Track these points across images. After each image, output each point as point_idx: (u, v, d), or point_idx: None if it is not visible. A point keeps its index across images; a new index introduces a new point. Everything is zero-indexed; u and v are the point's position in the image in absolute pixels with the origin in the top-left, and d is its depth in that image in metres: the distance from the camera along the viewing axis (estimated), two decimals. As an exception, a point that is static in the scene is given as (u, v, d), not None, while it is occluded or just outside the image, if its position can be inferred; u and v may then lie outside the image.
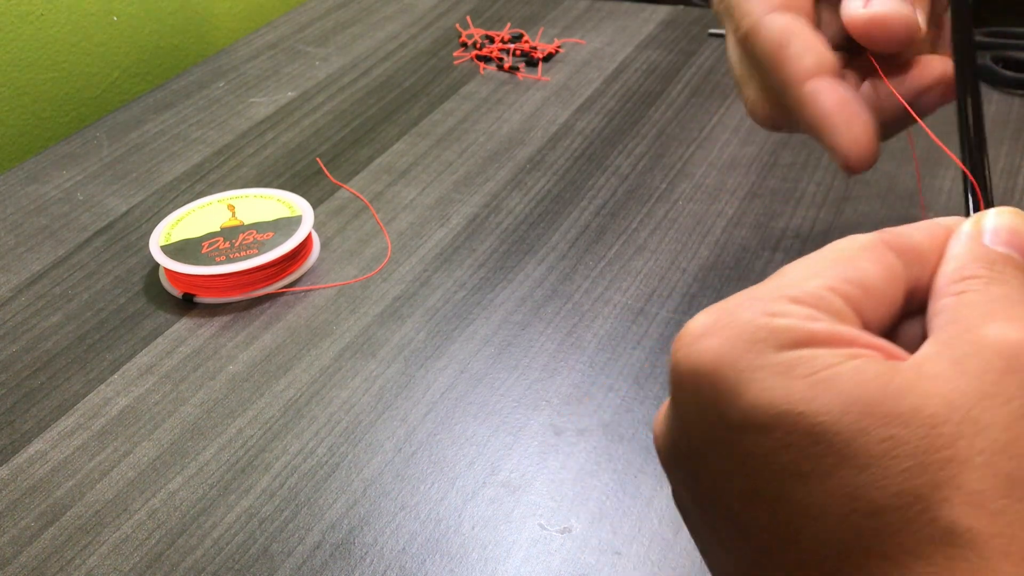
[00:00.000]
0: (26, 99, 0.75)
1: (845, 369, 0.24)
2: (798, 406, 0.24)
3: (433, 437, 0.45)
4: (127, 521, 0.42)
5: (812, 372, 0.24)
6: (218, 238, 0.55)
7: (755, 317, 0.26)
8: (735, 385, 0.25)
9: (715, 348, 0.26)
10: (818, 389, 0.24)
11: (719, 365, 0.26)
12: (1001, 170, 0.60)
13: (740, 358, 0.25)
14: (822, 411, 0.24)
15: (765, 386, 0.25)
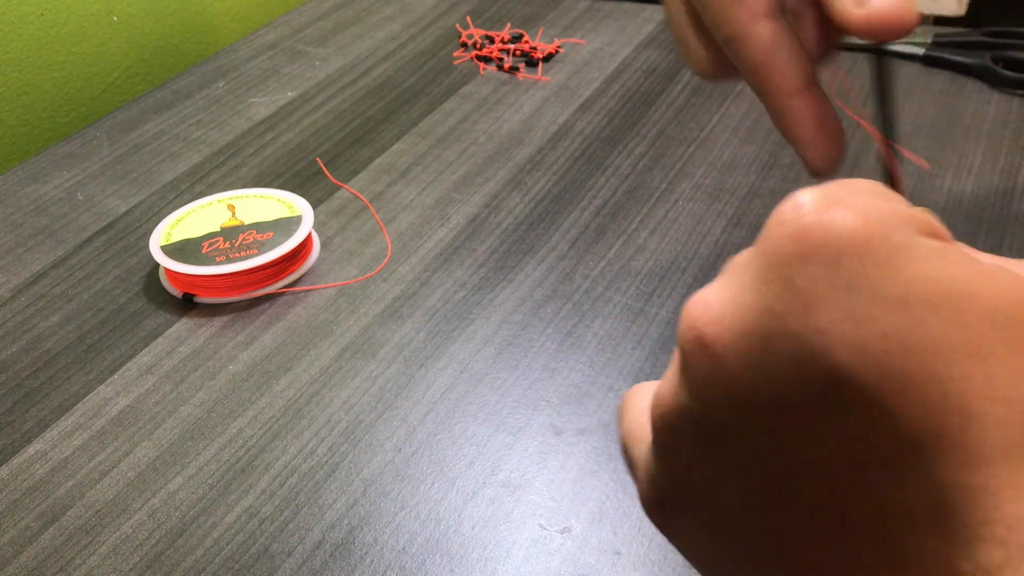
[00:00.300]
0: (26, 99, 0.75)
1: (992, 267, 0.24)
2: (970, 286, 0.23)
3: (433, 437, 0.45)
4: (127, 521, 0.42)
5: (962, 261, 0.23)
6: (218, 238, 0.55)
7: (877, 201, 0.24)
8: (892, 258, 0.23)
9: (856, 221, 0.23)
10: (980, 276, 0.23)
11: (868, 236, 0.23)
12: (1001, 170, 0.60)
13: (889, 234, 0.23)
14: (998, 294, 0.23)
15: (927, 263, 0.23)
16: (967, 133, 0.64)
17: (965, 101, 0.68)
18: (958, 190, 0.59)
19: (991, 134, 0.64)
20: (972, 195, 0.58)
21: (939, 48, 0.73)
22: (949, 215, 0.57)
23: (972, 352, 0.22)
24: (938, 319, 0.22)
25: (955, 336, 0.22)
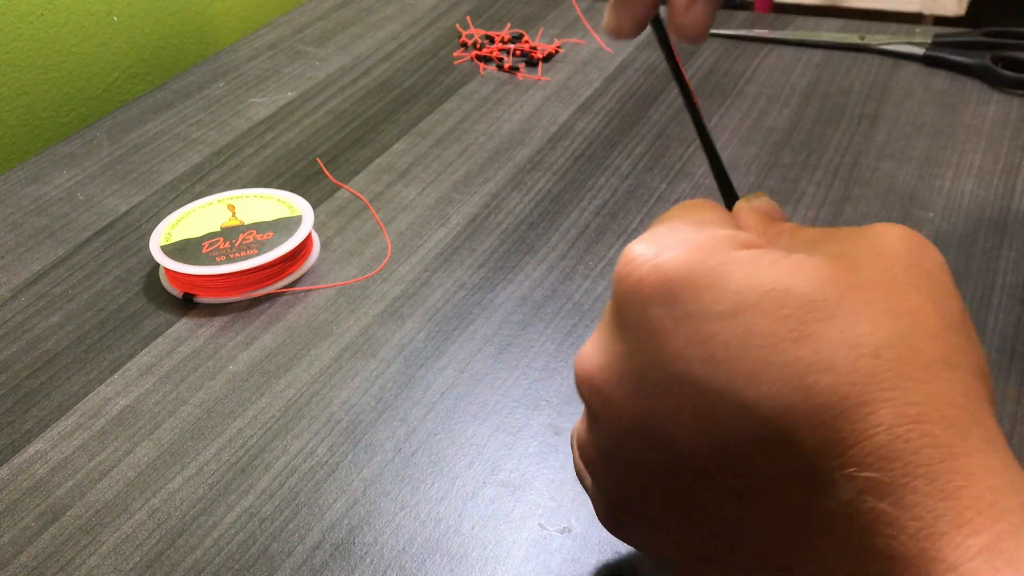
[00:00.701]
0: (26, 99, 0.75)
1: (799, 258, 0.28)
2: (781, 282, 0.28)
3: (433, 437, 0.45)
4: (127, 521, 0.42)
5: (774, 261, 0.28)
6: (218, 238, 0.55)
7: (692, 234, 0.30)
8: (713, 279, 0.28)
9: (680, 259, 0.29)
10: (789, 270, 0.28)
11: (692, 269, 0.28)
12: (1000, 170, 0.60)
13: (708, 259, 0.28)
14: (804, 283, 0.27)
15: (744, 273, 0.28)
16: (967, 133, 0.64)
17: (965, 101, 0.68)
18: (958, 190, 0.59)
19: (991, 134, 0.64)
20: (972, 195, 0.58)
21: (939, 48, 0.73)
22: (949, 215, 0.57)
23: (797, 336, 0.27)
24: (763, 317, 0.27)
25: (780, 327, 0.27)
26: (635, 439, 0.30)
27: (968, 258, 0.53)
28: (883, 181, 0.60)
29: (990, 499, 0.25)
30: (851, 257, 0.29)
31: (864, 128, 0.65)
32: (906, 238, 0.30)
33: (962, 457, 0.26)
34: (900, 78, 0.71)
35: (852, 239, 0.30)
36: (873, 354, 0.27)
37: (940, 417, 0.26)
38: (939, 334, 0.28)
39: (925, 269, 0.29)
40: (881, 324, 0.27)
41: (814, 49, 0.76)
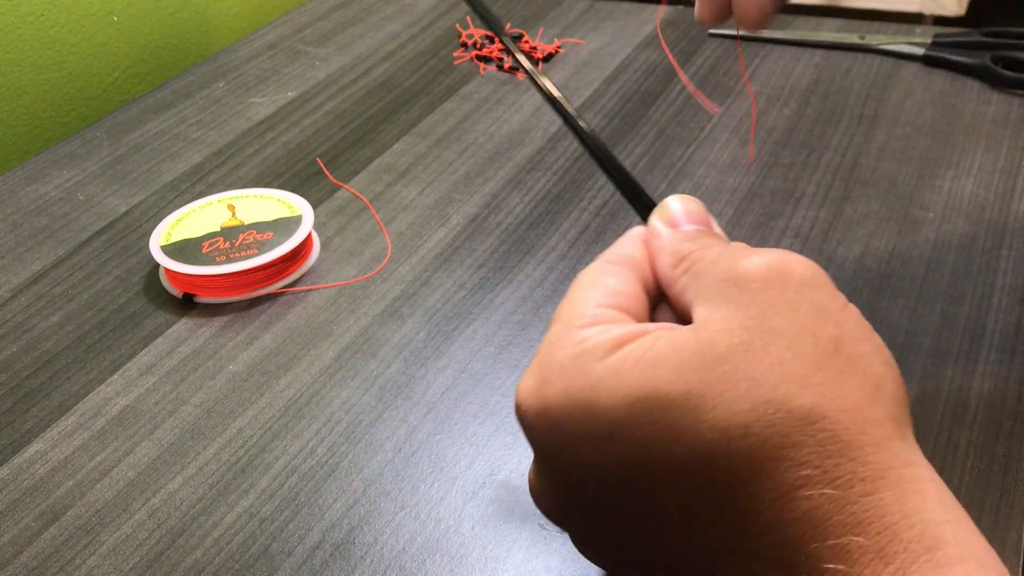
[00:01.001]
0: (26, 99, 0.75)
1: (659, 347, 0.29)
2: (642, 390, 0.29)
3: (433, 437, 0.45)
4: (127, 521, 0.42)
5: (636, 362, 0.29)
6: (218, 238, 0.55)
7: (568, 350, 0.31)
8: (587, 404, 0.30)
9: (555, 389, 0.30)
10: (647, 371, 0.29)
11: (567, 397, 0.30)
12: (1000, 170, 0.60)
13: (577, 382, 0.30)
14: (662, 384, 0.28)
15: (609, 390, 0.29)
16: (967, 133, 0.64)
17: (965, 101, 0.68)
18: (958, 190, 0.59)
19: (991, 134, 0.64)
20: (972, 195, 0.58)
21: (939, 48, 0.73)
22: (949, 215, 0.57)
23: (671, 437, 0.28)
24: (636, 430, 0.29)
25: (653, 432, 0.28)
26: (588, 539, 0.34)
27: (968, 258, 0.53)
28: (883, 181, 0.60)
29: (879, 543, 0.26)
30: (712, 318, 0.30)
31: (864, 128, 0.65)
32: (764, 272, 0.30)
33: (847, 508, 0.27)
34: (900, 78, 0.71)
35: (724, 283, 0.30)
36: (742, 434, 0.27)
37: (820, 475, 0.27)
38: (803, 382, 0.28)
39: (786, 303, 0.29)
40: (741, 399, 0.28)
41: (814, 49, 0.76)
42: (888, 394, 0.29)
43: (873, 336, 0.30)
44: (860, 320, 0.30)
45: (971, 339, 0.48)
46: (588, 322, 0.32)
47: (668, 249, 0.33)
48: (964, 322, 0.49)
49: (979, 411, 0.44)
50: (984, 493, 0.41)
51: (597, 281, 0.33)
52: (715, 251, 0.32)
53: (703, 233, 0.34)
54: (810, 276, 0.30)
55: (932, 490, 0.27)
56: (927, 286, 0.51)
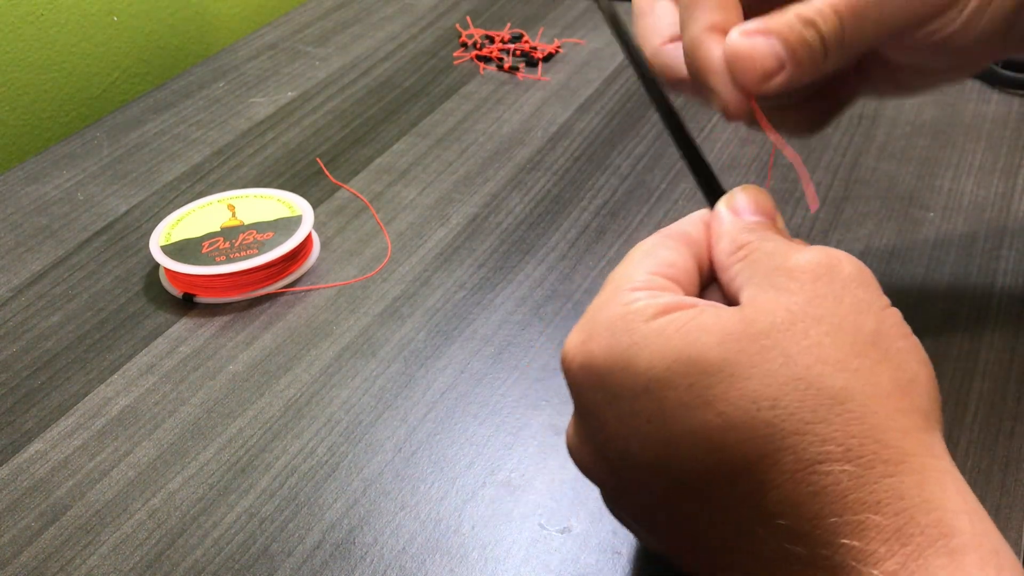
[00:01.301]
0: (26, 99, 0.75)
1: (704, 317, 0.30)
2: (683, 352, 0.30)
3: (433, 437, 0.45)
4: (127, 521, 0.42)
5: (680, 326, 0.30)
6: (218, 238, 0.55)
7: (616, 309, 0.32)
8: (628, 360, 0.31)
9: (600, 343, 0.32)
10: (691, 336, 0.30)
11: (610, 352, 0.31)
12: (1000, 170, 0.60)
13: (622, 339, 0.31)
14: (703, 349, 0.30)
15: (651, 349, 0.30)
16: (967, 133, 0.64)
17: (965, 101, 0.68)
18: (958, 190, 0.59)
19: (991, 134, 0.64)
20: (972, 195, 0.58)
21: (939, 48, 0.73)
22: (949, 215, 0.57)
23: (702, 402, 0.29)
24: (671, 390, 0.30)
25: (687, 396, 0.29)
26: (615, 496, 0.35)
27: (968, 258, 0.53)
28: (883, 181, 0.60)
29: (897, 524, 0.27)
30: (758, 300, 0.31)
31: (864, 128, 0.65)
32: (814, 265, 0.31)
33: (867, 486, 0.27)
34: (900, 78, 0.71)
35: (774, 272, 0.32)
36: (771, 405, 0.28)
37: (842, 453, 0.28)
38: (838, 366, 0.29)
39: (831, 295, 0.30)
40: (776, 373, 0.29)
41: (814, 49, 0.76)
42: (920, 389, 0.30)
43: (912, 337, 0.31)
44: (900, 321, 0.31)
45: (971, 339, 0.48)
46: (639, 286, 0.33)
47: (728, 235, 0.34)
48: (964, 322, 0.49)
49: (979, 411, 0.44)
50: (984, 493, 0.41)
51: (652, 251, 0.34)
52: (772, 244, 0.33)
53: (764, 226, 0.34)
54: (857, 274, 0.31)
55: (952, 481, 0.28)
56: (927, 286, 0.51)
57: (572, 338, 0.33)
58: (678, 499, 0.31)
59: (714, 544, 0.31)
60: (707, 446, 0.29)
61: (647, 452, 0.30)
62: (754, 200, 0.35)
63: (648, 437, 0.30)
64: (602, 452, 0.33)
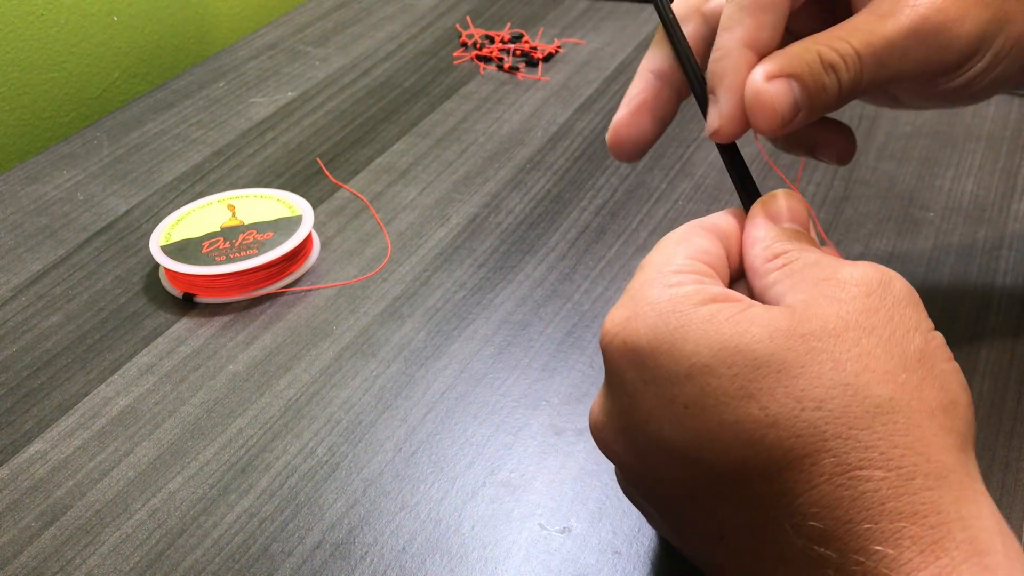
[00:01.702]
0: (26, 99, 0.75)
1: (755, 311, 0.30)
2: (731, 342, 0.30)
3: (433, 437, 0.45)
4: (127, 521, 0.42)
5: (730, 316, 0.30)
6: (218, 238, 0.55)
7: (663, 291, 0.32)
8: (673, 343, 0.30)
9: (646, 323, 0.31)
10: (741, 327, 0.30)
11: (655, 333, 0.31)
12: (1000, 170, 0.60)
13: (669, 320, 0.31)
14: (752, 341, 0.29)
15: (699, 334, 0.30)
16: (967, 133, 0.64)
17: (965, 101, 0.68)
18: (958, 190, 0.59)
19: (991, 134, 0.64)
20: (972, 195, 0.58)
21: (939, 48, 0.73)
22: (949, 215, 0.57)
23: (746, 394, 0.29)
24: (714, 378, 0.29)
25: (730, 386, 0.29)
26: (635, 479, 0.34)
27: (968, 258, 0.53)
28: (883, 181, 0.60)
29: (933, 536, 0.27)
30: (809, 305, 0.31)
31: (864, 128, 0.65)
32: (867, 280, 0.31)
33: (905, 496, 0.27)
34: (900, 78, 0.71)
35: (823, 282, 0.31)
36: (816, 407, 0.28)
37: (884, 461, 0.28)
38: (886, 377, 0.29)
39: (883, 309, 0.31)
40: (824, 375, 0.29)
41: (814, 49, 0.76)
42: (960, 412, 0.30)
43: (954, 362, 0.31)
44: (945, 344, 0.31)
45: (971, 339, 0.48)
46: (680, 269, 0.33)
47: (764, 242, 0.34)
48: (964, 322, 0.49)
49: (979, 411, 0.44)
50: (984, 493, 0.41)
51: (687, 238, 0.34)
52: (814, 256, 0.33)
53: (801, 235, 0.34)
54: (908, 294, 0.32)
55: (987, 503, 0.28)
56: (927, 286, 0.51)
57: (614, 315, 0.32)
58: (705, 490, 0.31)
59: (734, 542, 0.31)
60: (746, 439, 0.29)
61: (681, 438, 0.30)
62: (790, 207, 0.35)
63: (684, 423, 0.30)
64: (631, 433, 0.32)
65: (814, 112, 0.37)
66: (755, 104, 0.36)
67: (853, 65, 0.36)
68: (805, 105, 0.36)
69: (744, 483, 0.29)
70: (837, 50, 0.36)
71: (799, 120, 0.37)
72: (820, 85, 0.36)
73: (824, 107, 0.37)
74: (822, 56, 0.36)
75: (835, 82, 0.36)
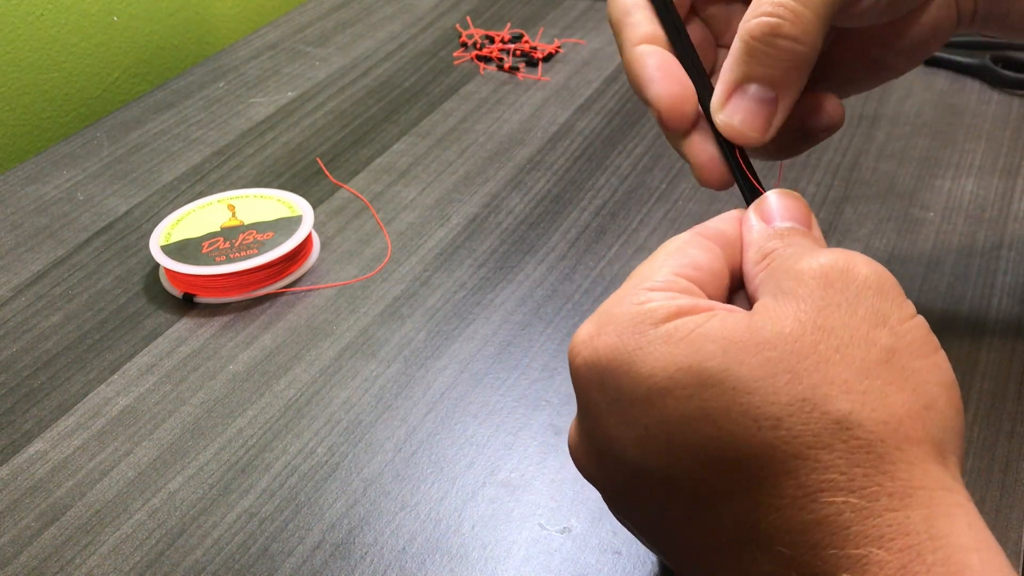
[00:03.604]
0: (26, 99, 0.75)
1: (712, 324, 0.29)
2: (685, 361, 0.29)
3: (433, 437, 0.45)
4: (127, 521, 0.42)
5: (687, 334, 0.29)
6: (218, 238, 0.55)
7: (628, 308, 0.31)
8: (631, 364, 0.30)
9: (606, 342, 0.30)
10: (696, 344, 0.29)
11: (615, 354, 0.30)
12: (1000, 170, 0.60)
13: (628, 341, 0.30)
14: (705, 359, 0.28)
15: (655, 356, 0.29)
16: (967, 133, 0.64)
17: (965, 101, 0.68)
18: (958, 190, 0.59)
19: (991, 134, 0.64)
20: (972, 195, 0.58)
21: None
22: (949, 215, 0.57)
23: (703, 415, 0.28)
24: (672, 400, 0.29)
25: (687, 407, 0.28)
26: (611, 499, 0.34)
27: (968, 258, 0.53)
28: (883, 181, 0.60)
29: (900, 560, 0.26)
30: (768, 307, 0.29)
31: (864, 128, 0.65)
32: (825, 270, 0.29)
33: (869, 520, 0.26)
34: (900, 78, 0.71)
35: (784, 276, 0.30)
36: (772, 425, 0.27)
37: (845, 483, 0.26)
38: (845, 387, 0.27)
39: (844, 304, 0.29)
40: (780, 390, 0.27)
41: (814, 49, 0.76)
42: (936, 416, 0.28)
43: (935, 354, 0.29)
44: (924, 335, 0.29)
45: (971, 339, 0.48)
46: (657, 286, 0.32)
47: (755, 244, 0.33)
48: (964, 322, 0.49)
49: (979, 411, 0.44)
50: (984, 493, 0.41)
51: (681, 250, 0.33)
52: (795, 249, 0.32)
53: (794, 232, 0.33)
54: (874, 280, 0.29)
55: (963, 515, 0.27)
56: (927, 286, 0.51)
57: (582, 331, 0.32)
58: (675, 510, 0.30)
59: (709, 563, 0.30)
60: (706, 460, 0.28)
61: (646, 460, 0.30)
62: (784, 205, 0.34)
63: (647, 444, 0.29)
64: (600, 453, 0.32)
65: (793, 88, 0.36)
66: (731, 136, 0.37)
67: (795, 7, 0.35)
68: (781, 91, 0.36)
69: (711, 505, 0.29)
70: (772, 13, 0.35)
71: (784, 103, 0.36)
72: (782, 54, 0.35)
73: (799, 67, 0.36)
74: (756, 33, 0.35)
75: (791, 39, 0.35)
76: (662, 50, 0.39)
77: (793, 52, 0.35)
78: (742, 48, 0.36)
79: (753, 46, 0.35)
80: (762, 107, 0.36)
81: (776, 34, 0.35)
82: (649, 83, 0.38)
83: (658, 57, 0.38)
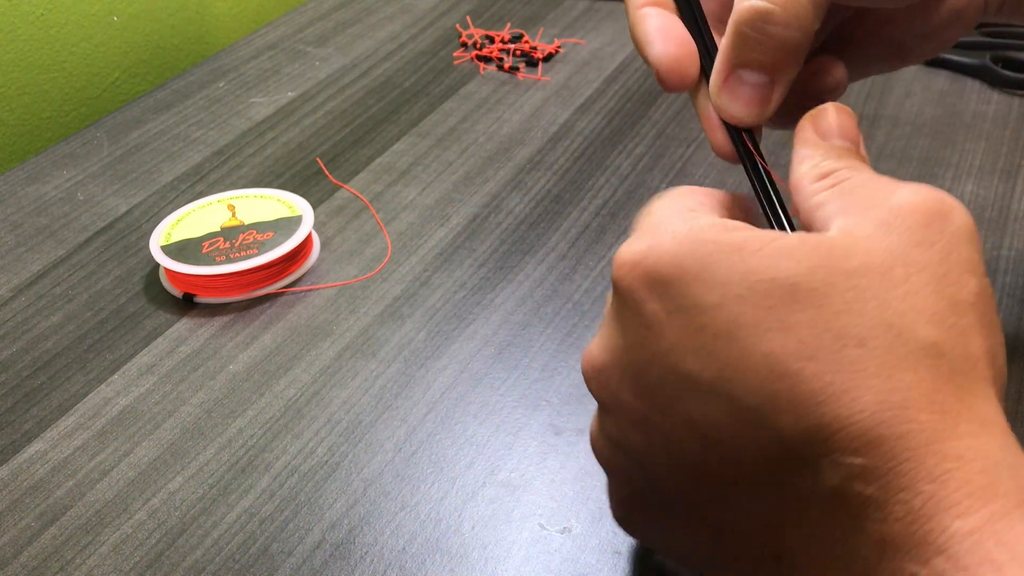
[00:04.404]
0: (26, 99, 0.75)
1: (787, 242, 0.28)
2: (766, 273, 0.28)
3: (433, 437, 0.45)
4: (127, 521, 0.42)
5: (760, 246, 0.28)
6: (218, 238, 0.55)
7: (683, 223, 0.30)
8: (704, 271, 0.28)
9: (669, 253, 0.29)
10: (774, 258, 0.28)
11: (681, 263, 0.29)
12: (1000, 170, 0.60)
13: (695, 250, 0.29)
14: (790, 274, 0.28)
15: (729, 264, 0.28)
16: (967, 133, 0.64)
17: (965, 101, 0.68)
18: (958, 190, 0.59)
19: (991, 134, 0.64)
20: (972, 195, 0.58)
21: (939, 48, 0.73)
22: (949, 215, 0.57)
23: (782, 326, 0.27)
24: (749, 308, 0.28)
25: (766, 317, 0.27)
26: (639, 432, 0.31)
27: (968, 258, 0.53)
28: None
29: (981, 481, 0.25)
30: (856, 235, 0.29)
31: (864, 128, 0.65)
32: (925, 208, 0.29)
33: (950, 440, 0.26)
34: (900, 78, 0.71)
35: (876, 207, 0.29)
36: (858, 343, 0.27)
37: (927, 403, 0.26)
38: (934, 319, 0.27)
39: (939, 243, 0.28)
40: (867, 313, 0.27)
41: (814, 49, 0.76)
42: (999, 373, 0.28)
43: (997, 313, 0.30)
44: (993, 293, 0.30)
45: (971, 339, 0.48)
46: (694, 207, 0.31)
47: (812, 159, 0.32)
48: (964, 322, 0.49)
49: (979, 411, 0.44)
50: (984, 493, 0.41)
51: (686, 190, 0.33)
52: (866, 175, 0.31)
53: (852, 152, 0.32)
54: (968, 228, 0.29)
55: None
56: (927, 286, 0.51)
57: (631, 246, 0.30)
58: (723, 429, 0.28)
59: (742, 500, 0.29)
60: (781, 371, 0.27)
61: (707, 370, 0.28)
62: (840, 123, 0.33)
63: (711, 353, 0.28)
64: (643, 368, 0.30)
65: (787, 71, 0.35)
66: (727, 119, 0.36)
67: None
68: (775, 76, 0.35)
69: (770, 419, 0.27)
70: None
71: (780, 85, 0.36)
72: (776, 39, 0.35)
73: (792, 52, 0.35)
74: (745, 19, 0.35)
75: (782, 25, 0.35)
76: (665, 12, 0.38)
77: (784, 39, 0.35)
78: (733, 33, 0.35)
79: (744, 32, 0.35)
80: (756, 91, 0.36)
81: (766, 21, 0.34)
82: (648, 44, 0.38)
83: (659, 19, 0.38)
